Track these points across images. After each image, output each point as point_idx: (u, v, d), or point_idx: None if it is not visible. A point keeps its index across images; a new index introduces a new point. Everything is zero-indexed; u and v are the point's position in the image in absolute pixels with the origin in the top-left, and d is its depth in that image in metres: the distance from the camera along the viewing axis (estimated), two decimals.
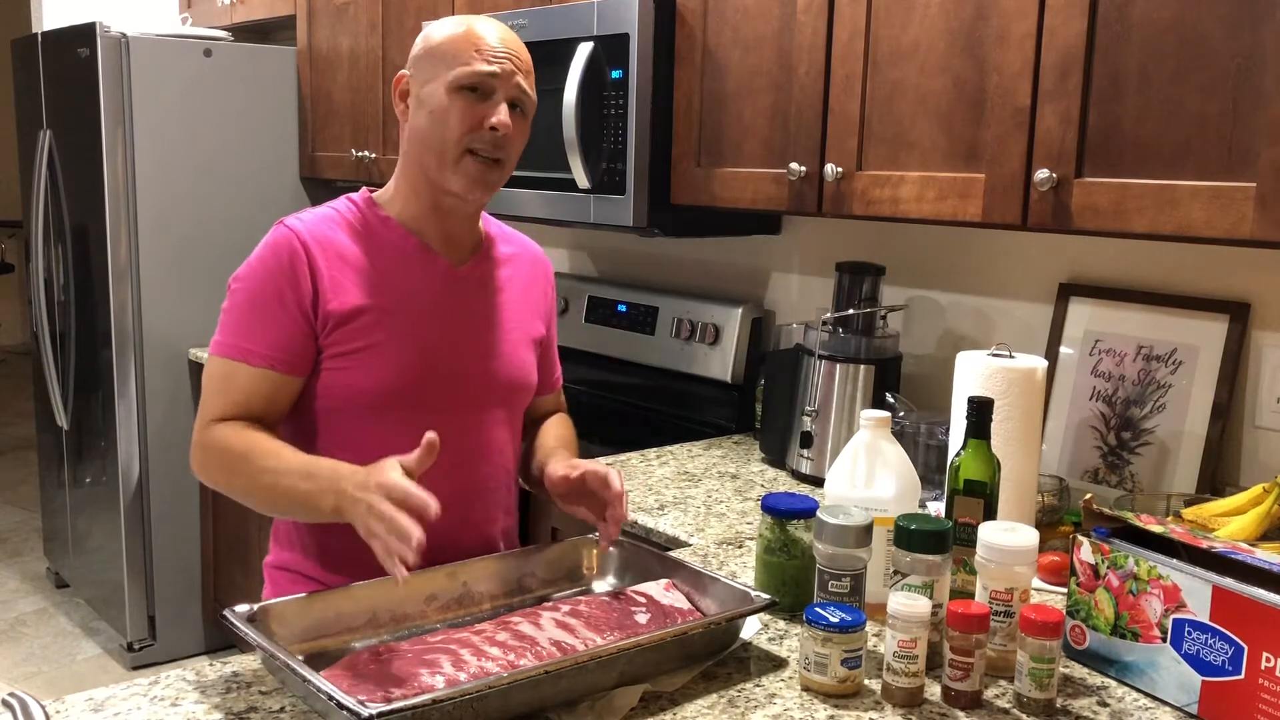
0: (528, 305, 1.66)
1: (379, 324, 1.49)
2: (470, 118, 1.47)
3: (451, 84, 1.47)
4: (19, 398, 6.70)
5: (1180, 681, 1.28)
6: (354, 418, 1.50)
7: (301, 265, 1.47)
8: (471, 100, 1.47)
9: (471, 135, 1.47)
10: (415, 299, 1.53)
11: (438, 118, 1.48)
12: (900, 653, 1.27)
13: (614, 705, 1.24)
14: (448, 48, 1.48)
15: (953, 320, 2.26)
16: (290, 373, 1.48)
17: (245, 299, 1.50)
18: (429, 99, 1.49)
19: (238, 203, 3.56)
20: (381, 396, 1.49)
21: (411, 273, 1.54)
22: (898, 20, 1.84)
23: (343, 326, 1.48)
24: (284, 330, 1.47)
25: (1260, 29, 1.43)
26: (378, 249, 1.53)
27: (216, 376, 1.49)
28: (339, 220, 1.54)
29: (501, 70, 1.47)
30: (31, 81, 3.76)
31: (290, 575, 1.58)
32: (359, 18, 3.30)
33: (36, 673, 3.50)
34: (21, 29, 4.28)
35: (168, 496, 3.53)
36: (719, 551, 1.77)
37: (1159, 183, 1.53)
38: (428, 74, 1.50)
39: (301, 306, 1.47)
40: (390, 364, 1.49)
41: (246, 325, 1.48)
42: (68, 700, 1.23)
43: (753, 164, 2.12)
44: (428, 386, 1.52)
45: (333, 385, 1.50)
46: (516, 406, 1.65)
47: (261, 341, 1.47)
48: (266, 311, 1.47)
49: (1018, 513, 1.62)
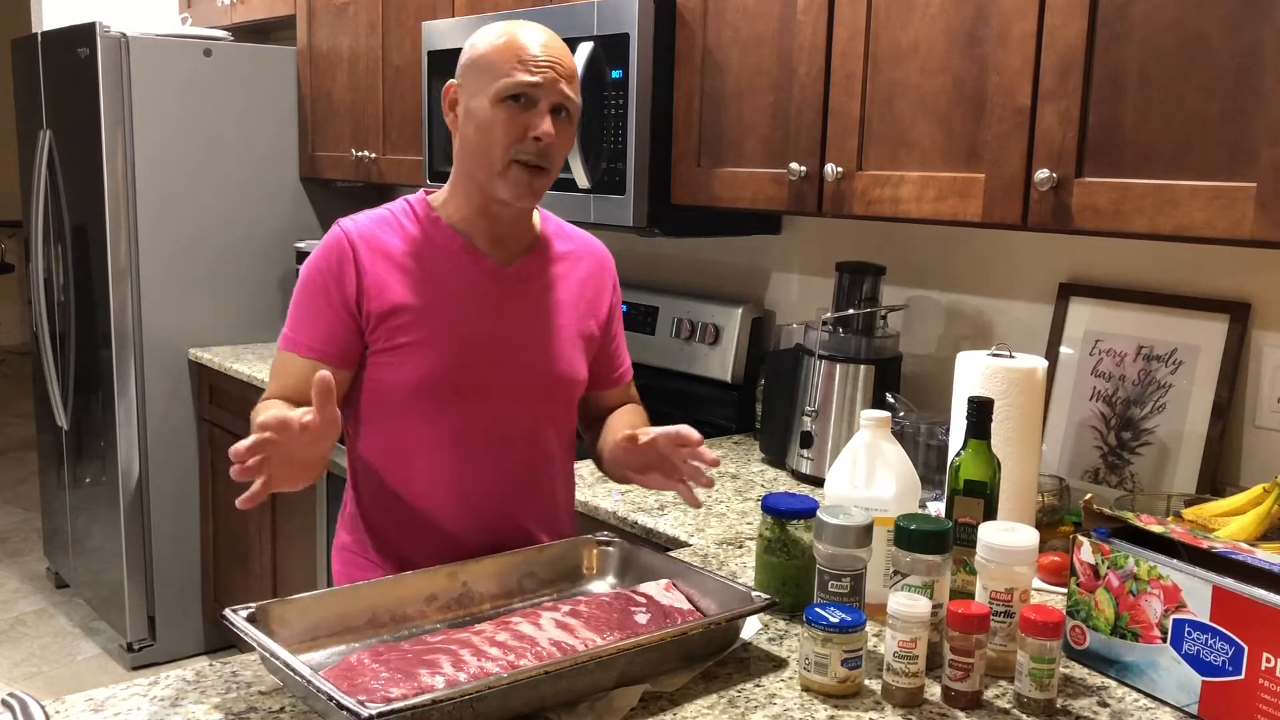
0: (582, 302, 1.68)
1: (420, 321, 1.54)
2: (515, 128, 1.50)
3: (495, 95, 1.49)
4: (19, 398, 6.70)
5: (1180, 682, 1.28)
6: (397, 410, 1.56)
7: (348, 265, 1.54)
8: (516, 110, 1.50)
9: (517, 145, 1.50)
10: (458, 297, 1.57)
11: (484, 129, 1.51)
12: (900, 653, 1.27)
13: (614, 705, 1.24)
14: (491, 58, 1.51)
15: (953, 320, 2.26)
16: (336, 364, 1.54)
17: (301, 295, 1.58)
18: (476, 111, 1.52)
19: (237, 203, 3.56)
20: (421, 390, 1.54)
21: (456, 271, 1.58)
22: (898, 20, 1.84)
23: (385, 323, 1.54)
24: (330, 326, 1.54)
25: (1260, 29, 1.43)
26: (425, 249, 1.58)
27: (276, 366, 1.59)
28: (391, 221, 1.59)
29: (544, 79, 1.50)
30: (31, 81, 3.76)
31: (349, 555, 1.65)
32: (359, 18, 3.30)
33: (36, 673, 3.50)
34: (21, 29, 4.29)
35: (168, 496, 3.53)
36: (719, 551, 1.77)
37: (1159, 183, 1.53)
38: (473, 86, 1.52)
39: (347, 304, 1.53)
40: (429, 359, 1.54)
41: (299, 319, 1.57)
42: (68, 700, 1.23)
43: (753, 164, 2.12)
44: (467, 381, 1.56)
45: (377, 379, 1.56)
46: (559, 401, 1.66)
47: (310, 335, 1.55)
48: (316, 307, 1.55)
49: (1018, 513, 1.62)
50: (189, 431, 3.56)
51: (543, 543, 1.65)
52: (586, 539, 1.61)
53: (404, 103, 3.13)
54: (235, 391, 3.31)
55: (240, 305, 3.59)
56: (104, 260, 3.37)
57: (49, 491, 4.06)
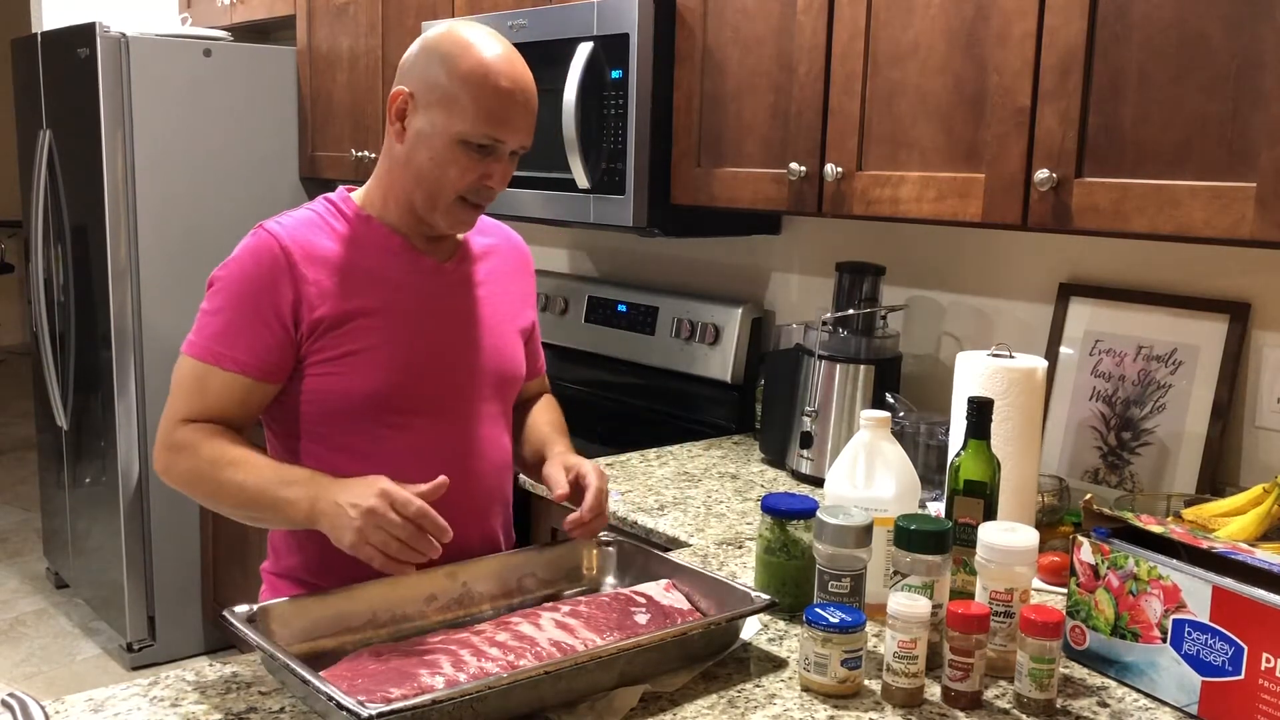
0: (514, 295, 1.66)
1: (368, 327, 1.47)
2: (471, 174, 1.45)
3: (458, 137, 1.43)
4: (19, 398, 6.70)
5: (1180, 682, 1.28)
6: (344, 420, 1.48)
7: (282, 273, 1.44)
8: (476, 157, 1.44)
9: (468, 187, 1.46)
10: (403, 299, 1.51)
11: (437, 164, 1.45)
12: (900, 653, 1.27)
13: (614, 705, 1.24)
14: (461, 96, 1.42)
15: (953, 320, 2.26)
16: (264, 379, 1.46)
17: (223, 302, 1.46)
18: (431, 140, 1.44)
19: (238, 203, 3.56)
20: (374, 399, 1.47)
21: (398, 272, 1.52)
22: (898, 20, 1.84)
23: (333, 331, 1.46)
24: (260, 338, 1.44)
25: (1260, 29, 1.43)
26: (361, 250, 1.50)
27: (188, 377, 1.47)
28: (320, 223, 1.51)
29: (513, 133, 1.45)
30: (31, 81, 3.76)
31: (289, 582, 1.57)
32: (359, 18, 3.30)
33: (36, 673, 3.50)
34: (21, 29, 4.28)
35: (168, 496, 3.53)
36: (719, 551, 1.77)
37: (1159, 183, 1.53)
38: (432, 111, 1.44)
39: (280, 315, 1.44)
40: (381, 367, 1.48)
41: (222, 329, 1.45)
42: (68, 700, 1.23)
43: (753, 164, 2.12)
44: (420, 387, 1.51)
45: (320, 390, 1.47)
46: (508, 398, 1.65)
47: (237, 347, 1.44)
48: (243, 318, 1.44)
49: (1018, 513, 1.62)
50: None
51: (502, 546, 1.64)
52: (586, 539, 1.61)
53: None
54: None
55: None
56: (104, 260, 3.37)
57: (49, 491, 4.06)
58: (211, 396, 1.45)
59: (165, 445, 1.47)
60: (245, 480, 1.41)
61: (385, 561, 1.32)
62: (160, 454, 1.48)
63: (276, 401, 1.50)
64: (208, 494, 1.46)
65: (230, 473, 1.41)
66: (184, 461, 1.45)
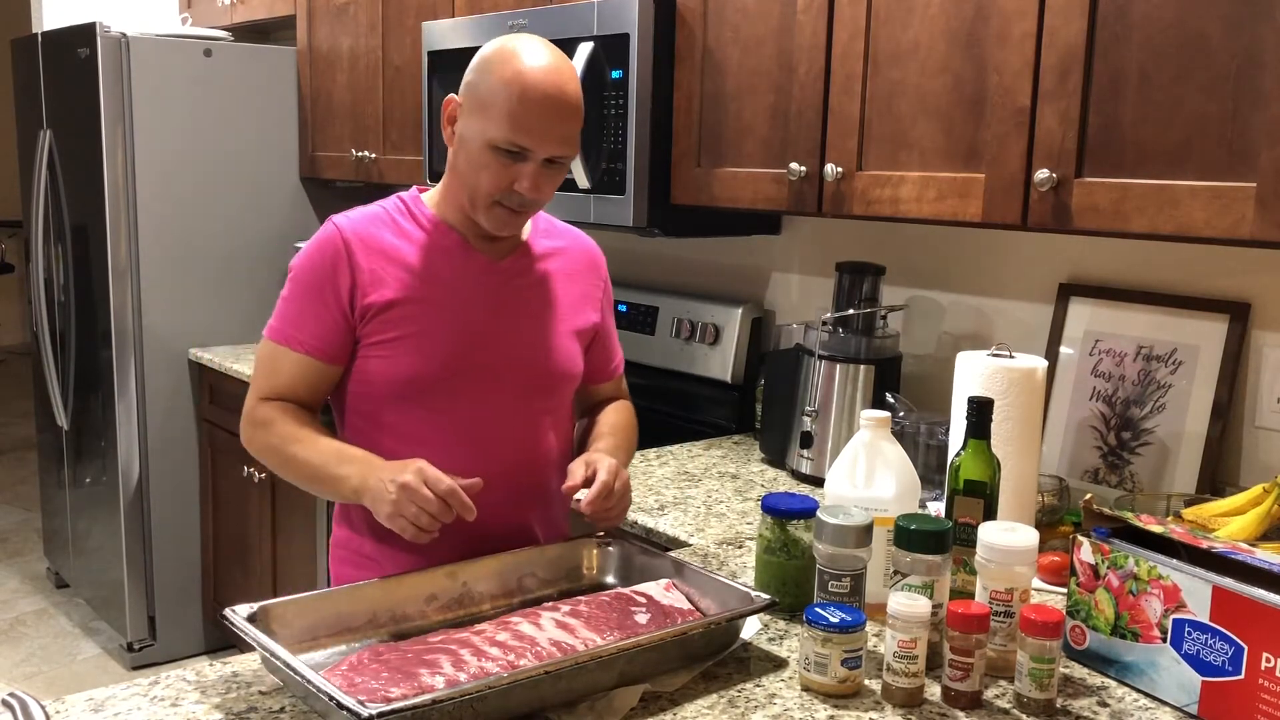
0: (573, 296, 1.69)
1: (414, 315, 1.56)
2: (502, 179, 1.50)
3: (489, 142, 1.49)
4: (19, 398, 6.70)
5: (1180, 681, 1.28)
6: (388, 403, 1.58)
7: (342, 261, 1.55)
8: (505, 162, 1.50)
9: (502, 192, 1.51)
10: (452, 292, 1.58)
11: (473, 167, 1.52)
12: (900, 653, 1.27)
13: (614, 705, 1.24)
14: (494, 98, 1.48)
15: (953, 320, 2.26)
16: (329, 361, 1.57)
17: (294, 289, 1.59)
18: (469, 144, 1.52)
19: (238, 202, 3.56)
20: (413, 383, 1.56)
21: (450, 267, 1.59)
22: (898, 20, 1.84)
23: (379, 316, 1.55)
24: (323, 322, 1.55)
25: (1260, 29, 1.43)
26: (419, 245, 1.59)
27: (265, 357, 1.60)
28: (384, 217, 1.61)
29: (539, 141, 1.48)
30: (31, 81, 3.76)
31: (347, 552, 1.65)
32: (359, 18, 3.30)
33: (36, 673, 3.50)
34: (21, 29, 4.28)
35: (168, 496, 3.53)
36: (719, 551, 1.77)
37: (1159, 183, 1.53)
38: (471, 115, 1.51)
39: (340, 300, 1.55)
40: (423, 353, 1.55)
41: (292, 314, 1.58)
42: (68, 700, 1.23)
43: (753, 164, 2.12)
44: (460, 375, 1.57)
45: (368, 371, 1.57)
46: (558, 396, 1.67)
47: (304, 330, 1.56)
48: (309, 303, 1.56)
49: (1018, 513, 1.62)
50: (189, 431, 3.56)
51: (539, 539, 1.66)
52: (586, 539, 1.61)
53: (404, 103, 3.13)
54: (235, 391, 3.31)
55: (240, 305, 3.59)
56: (104, 260, 3.37)
57: (49, 491, 4.06)
58: (284, 376, 1.58)
59: (248, 420, 1.60)
60: (309, 457, 1.53)
61: (416, 533, 1.42)
62: (244, 427, 1.61)
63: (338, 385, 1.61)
64: (278, 465, 1.59)
65: (296, 449, 1.54)
66: (261, 436, 1.59)
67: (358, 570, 1.60)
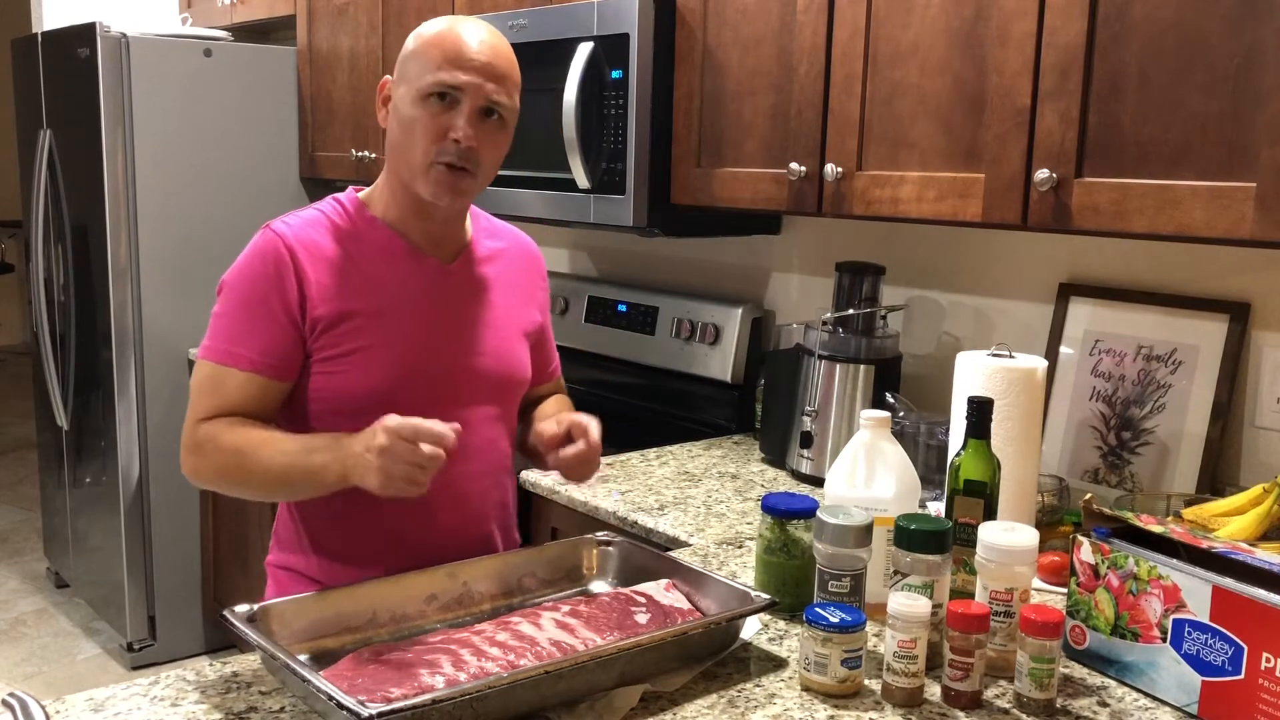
0: (518, 298, 1.65)
1: (367, 327, 1.49)
2: (434, 129, 1.45)
3: (419, 93, 1.45)
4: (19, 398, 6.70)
5: (1180, 681, 1.28)
6: (346, 419, 1.48)
7: (288, 271, 1.46)
8: (437, 110, 1.45)
9: (438, 146, 1.45)
10: (403, 300, 1.52)
11: (406, 127, 1.47)
12: (900, 653, 1.27)
13: (614, 705, 1.24)
14: (419, 54, 1.47)
15: (953, 320, 2.26)
16: (277, 377, 1.48)
17: (233, 304, 1.49)
18: (400, 107, 1.48)
19: (238, 203, 3.56)
20: (372, 398, 1.48)
21: (399, 273, 1.53)
22: (898, 20, 1.84)
23: (331, 330, 1.47)
24: (270, 336, 1.46)
25: (1260, 29, 1.43)
26: (365, 251, 1.52)
27: (205, 380, 1.49)
28: (325, 223, 1.53)
29: (469, 79, 1.44)
30: (31, 81, 3.76)
31: (292, 575, 1.58)
32: (359, 18, 3.30)
33: (36, 673, 3.50)
34: (21, 29, 4.28)
35: (168, 496, 3.53)
36: (719, 551, 1.77)
37: (1159, 183, 1.53)
38: (400, 83, 1.49)
39: (289, 312, 1.46)
40: (380, 366, 1.49)
41: (234, 330, 1.48)
42: (68, 700, 1.23)
43: (753, 164, 2.12)
44: (419, 386, 1.51)
45: (324, 388, 1.49)
46: (509, 401, 1.65)
47: (249, 346, 1.46)
48: (253, 317, 1.47)
49: (1018, 513, 1.62)
50: None
51: (500, 548, 1.64)
52: (586, 539, 1.61)
53: None
54: None
55: None
56: (104, 260, 3.37)
57: (49, 491, 4.06)
58: (228, 397, 1.46)
59: (188, 448, 1.49)
60: (272, 459, 1.43)
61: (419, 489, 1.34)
62: (185, 458, 1.50)
63: (287, 400, 1.52)
64: (238, 482, 1.48)
65: (256, 456, 1.43)
66: (208, 459, 1.47)
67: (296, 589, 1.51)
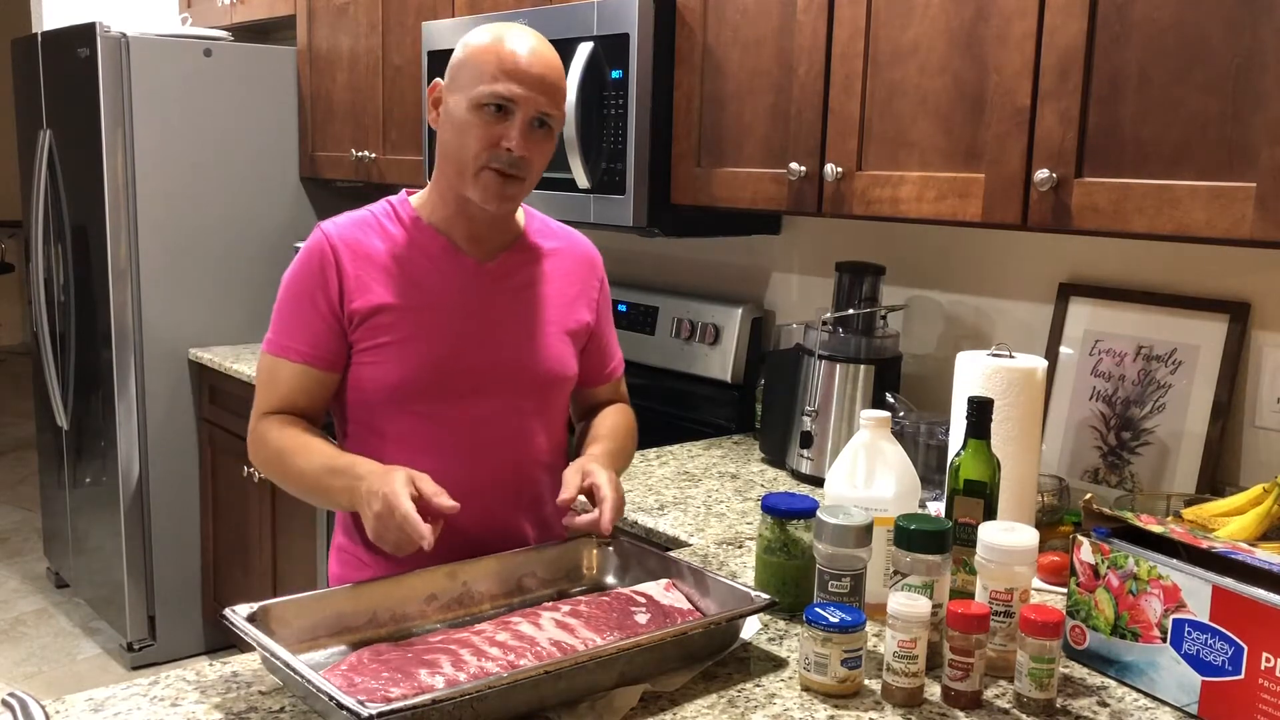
0: (566, 297, 1.68)
1: (400, 321, 1.55)
2: (488, 136, 1.50)
3: (473, 101, 1.50)
4: (19, 398, 6.70)
5: (1180, 681, 1.28)
6: (381, 408, 1.57)
7: (330, 267, 1.55)
8: (490, 119, 1.50)
9: (489, 153, 1.51)
10: (439, 295, 1.58)
11: (459, 132, 1.52)
12: (900, 653, 1.27)
13: (614, 705, 1.24)
14: (474, 62, 1.51)
15: (953, 320, 2.26)
16: (325, 368, 1.57)
17: (287, 299, 1.59)
18: (453, 112, 1.53)
19: (238, 203, 3.56)
20: (405, 389, 1.55)
21: (437, 270, 1.58)
22: (898, 20, 1.84)
23: (366, 323, 1.55)
24: (316, 329, 1.55)
25: (1260, 29, 1.43)
26: (406, 250, 1.59)
27: (264, 371, 1.60)
28: (372, 222, 1.60)
29: (523, 90, 1.49)
30: (31, 81, 3.76)
31: (345, 556, 1.66)
32: (359, 18, 3.30)
33: (36, 673, 3.51)
34: (21, 29, 4.28)
35: (168, 496, 3.53)
36: (719, 551, 1.77)
37: (1159, 183, 1.53)
38: (454, 87, 1.53)
39: (331, 306, 1.55)
40: (412, 358, 1.55)
41: (286, 324, 1.58)
42: (68, 700, 1.23)
43: (753, 164, 2.12)
44: (449, 379, 1.57)
45: (361, 378, 1.57)
46: (550, 398, 1.67)
47: (298, 339, 1.56)
48: (302, 311, 1.56)
49: (1018, 513, 1.62)
50: (189, 431, 3.56)
51: (531, 541, 1.65)
52: (586, 539, 1.61)
53: (404, 103, 3.13)
54: (235, 391, 3.31)
55: (240, 305, 3.59)
56: (104, 260, 3.37)
57: (49, 491, 4.06)
58: (283, 388, 1.57)
59: (250, 438, 1.61)
60: (304, 468, 1.53)
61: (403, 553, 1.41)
62: (249, 445, 1.61)
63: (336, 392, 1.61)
64: (281, 480, 1.59)
65: (292, 461, 1.54)
66: (261, 452, 1.58)
67: (356, 573, 1.60)
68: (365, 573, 1.59)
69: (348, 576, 1.61)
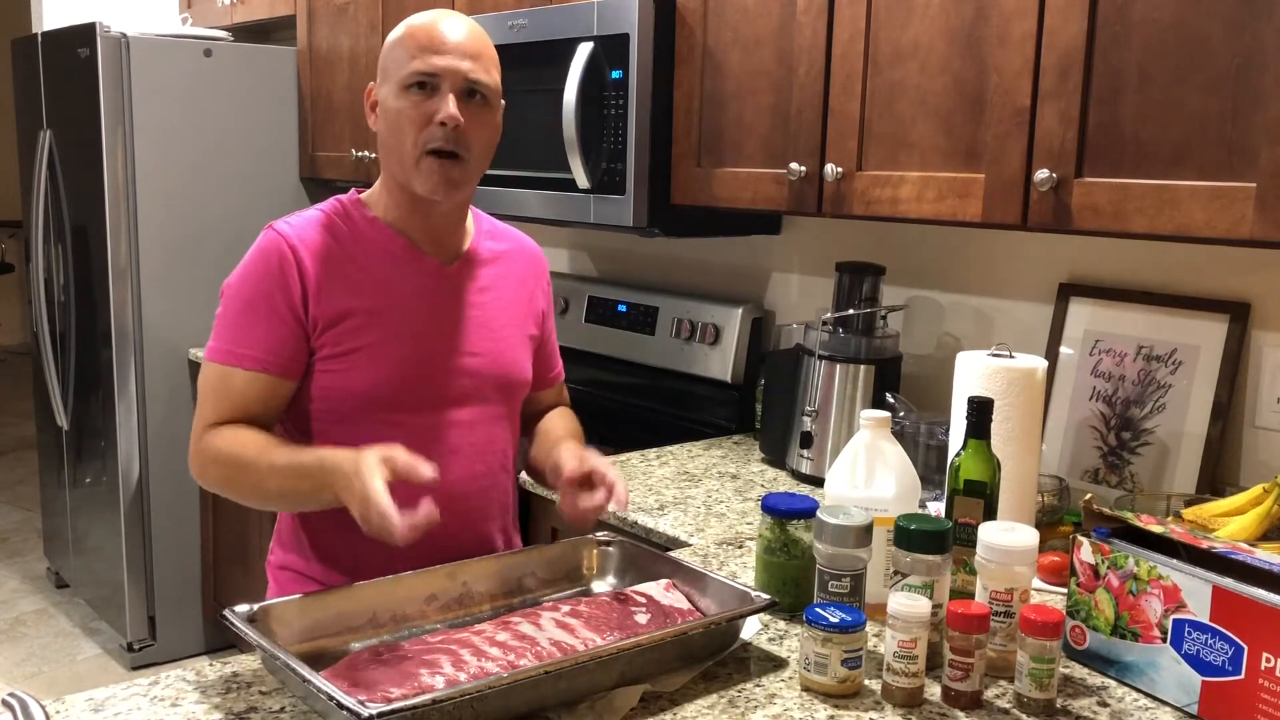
0: (521, 301, 1.65)
1: (368, 326, 1.49)
2: (419, 117, 1.46)
3: (399, 85, 1.47)
4: (19, 398, 6.70)
5: (1180, 681, 1.28)
6: (348, 418, 1.50)
7: (291, 269, 1.48)
8: (419, 99, 1.46)
9: (425, 134, 1.46)
10: (405, 299, 1.53)
11: (392, 122, 1.48)
12: (900, 653, 1.27)
13: (614, 705, 1.24)
14: (395, 51, 1.49)
15: (953, 320, 2.26)
16: (283, 375, 1.49)
17: (237, 304, 1.50)
18: (386, 106, 1.49)
19: (238, 203, 3.56)
20: (374, 397, 1.49)
21: (400, 273, 1.53)
22: (898, 20, 1.84)
23: (333, 329, 1.48)
24: (275, 334, 1.47)
25: (1260, 29, 1.43)
26: (366, 250, 1.53)
27: (212, 381, 1.51)
28: (327, 222, 1.54)
29: (444, 61, 1.45)
30: (31, 81, 3.76)
31: (292, 575, 1.59)
32: (359, 18, 3.30)
33: (36, 673, 3.50)
34: (21, 29, 4.29)
35: (168, 496, 3.53)
36: (719, 551, 1.77)
37: (1159, 183, 1.53)
38: (383, 81, 1.51)
39: (293, 309, 1.47)
40: (381, 365, 1.49)
41: (239, 330, 1.49)
42: (68, 700, 1.23)
43: (753, 164, 2.12)
44: (419, 386, 1.52)
45: (326, 387, 1.50)
46: (512, 403, 1.65)
47: (254, 345, 1.47)
48: (258, 315, 1.48)
49: (1018, 513, 1.62)
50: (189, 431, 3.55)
51: (500, 548, 1.64)
52: (586, 539, 1.61)
53: None
54: None
55: None
56: (104, 260, 3.37)
57: (49, 491, 4.06)
58: (235, 398, 1.48)
59: (195, 451, 1.51)
60: (263, 479, 1.44)
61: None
62: (192, 460, 1.52)
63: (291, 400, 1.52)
64: (236, 495, 1.50)
65: (251, 470, 1.44)
66: (213, 465, 1.49)
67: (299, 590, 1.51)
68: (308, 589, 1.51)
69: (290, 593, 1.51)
